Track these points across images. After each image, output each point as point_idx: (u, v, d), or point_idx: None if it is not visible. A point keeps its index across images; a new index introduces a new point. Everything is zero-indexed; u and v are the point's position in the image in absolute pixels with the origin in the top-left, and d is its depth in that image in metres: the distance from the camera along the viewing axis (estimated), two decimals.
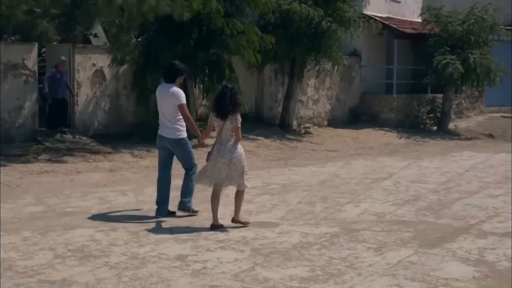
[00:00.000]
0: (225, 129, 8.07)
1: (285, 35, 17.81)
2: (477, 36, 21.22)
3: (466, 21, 21.50)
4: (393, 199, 10.45)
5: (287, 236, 7.92)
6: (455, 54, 20.78)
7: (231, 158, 8.07)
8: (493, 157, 16.50)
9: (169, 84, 8.71)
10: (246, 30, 15.54)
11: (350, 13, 18.50)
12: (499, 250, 7.55)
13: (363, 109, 22.34)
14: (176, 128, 8.72)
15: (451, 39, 21.25)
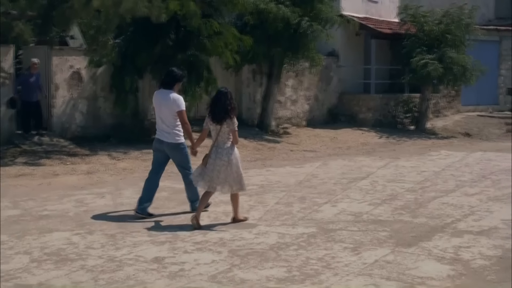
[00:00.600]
0: (222, 133, 8.24)
1: (262, 36, 17.85)
2: (453, 35, 21.39)
3: (442, 21, 21.67)
4: (370, 199, 10.52)
5: (264, 237, 7.95)
6: (431, 53, 20.93)
7: (229, 160, 8.25)
8: (470, 155, 16.65)
9: (168, 90, 8.83)
10: (224, 31, 15.56)
11: (328, 13, 18.55)
12: (474, 248, 7.64)
13: (341, 109, 22.44)
14: (175, 133, 8.85)
15: (427, 39, 21.39)
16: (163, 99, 8.84)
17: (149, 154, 14.26)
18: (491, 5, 31.00)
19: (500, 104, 26.62)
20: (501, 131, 23.28)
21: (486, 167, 14.62)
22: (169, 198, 10.34)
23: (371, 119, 21.96)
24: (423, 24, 21.57)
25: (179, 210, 9.41)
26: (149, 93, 17.03)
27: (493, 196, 11.00)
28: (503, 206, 10.13)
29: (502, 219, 9.20)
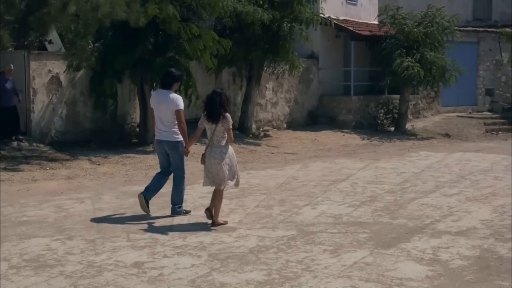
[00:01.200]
0: (217, 132, 8.47)
1: (242, 39, 17.87)
2: (432, 37, 21.53)
3: (422, 23, 21.80)
4: (350, 201, 10.56)
5: (244, 240, 7.96)
6: (410, 55, 21.06)
7: (222, 158, 8.50)
8: (449, 156, 16.76)
9: (166, 90, 9.06)
10: (203, 34, 15.55)
11: (307, 14, 18.59)
12: (452, 249, 7.70)
13: (322, 111, 22.50)
14: (174, 131, 9.04)
15: (407, 41, 21.50)
16: (162, 99, 9.04)
17: (129, 158, 14.37)
18: (469, 6, 31.29)
19: (479, 105, 26.83)
20: (480, 131, 23.50)
21: (465, 167, 14.73)
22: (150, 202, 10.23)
23: (352, 121, 22.05)
24: (403, 25, 21.69)
25: (159, 214, 9.38)
26: (128, 97, 17.02)
27: (471, 196, 11.09)
28: (481, 207, 10.22)
29: (481, 220, 9.28)
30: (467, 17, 30.84)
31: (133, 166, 13.66)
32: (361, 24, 24.10)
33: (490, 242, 8.04)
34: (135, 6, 14.02)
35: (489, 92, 27.07)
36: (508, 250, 7.68)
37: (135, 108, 17.16)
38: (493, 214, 9.66)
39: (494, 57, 27.17)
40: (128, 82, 16.45)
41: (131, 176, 12.74)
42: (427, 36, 21.47)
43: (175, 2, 15.16)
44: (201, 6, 15.77)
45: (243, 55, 18.05)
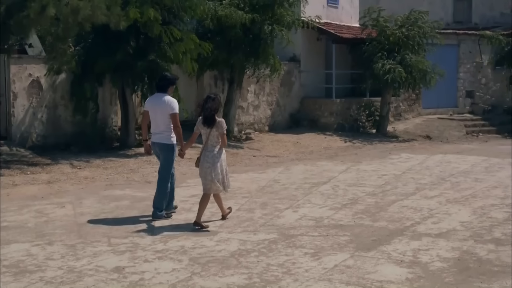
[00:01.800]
0: (212, 136, 8.75)
1: (223, 42, 17.87)
2: (413, 40, 21.65)
3: (403, 26, 21.92)
4: (331, 203, 10.60)
5: (226, 244, 7.97)
6: (392, 58, 21.16)
7: (213, 163, 8.72)
8: (430, 158, 16.86)
9: (162, 94, 9.23)
10: (184, 37, 15.53)
11: (288, 17, 18.63)
12: (432, 251, 7.76)
13: (304, 113, 22.54)
14: (168, 135, 9.20)
15: (388, 44, 21.61)
16: (157, 102, 9.20)
17: (110, 162, 14.32)
18: (450, 9, 31.52)
19: (460, 107, 27.01)
20: (461, 133, 23.64)
21: (446, 169, 14.83)
22: (131, 206, 10.27)
23: (333, 123, 22.11)
24: (384, 28, 21.80)
25: (140, 218, 9.36)
26: (110, 100, 16.97)
27: (452, 198, 11.18)
28: (461, 208, 10.31)
29: (460, 221, 9.36)
30: (447, 19, 31.07)
31: (114, 170, 13.61)
32: (342, 27, 24.18)
33: (469, 244, 8.11)
34: (115, 9, 13.96)
35: (469, 94, 27.28)
36: (487, 251, 7.75)
37: (117, 112, 17.10)
38: (473, 216, 9.75)
39: (474, 59, 27.37)
40: (110, 85, 16.39)
41: (112, 180, 12.69)
42: (408, 39, 21.58)
43: (156, 5, 15.13)
44: (182, 10, 15.75)
45: (224, 59, 18.05)
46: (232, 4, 17.91)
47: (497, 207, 10.44)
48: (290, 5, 18.99)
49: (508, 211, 10.13)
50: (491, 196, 11.46)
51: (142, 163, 14.42)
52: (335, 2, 24.90)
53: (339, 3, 25.17)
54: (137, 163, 14.42)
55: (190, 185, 12.22)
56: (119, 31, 14.27)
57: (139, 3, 14.85)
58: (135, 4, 14.73)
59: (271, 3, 18.30)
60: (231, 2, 18.05)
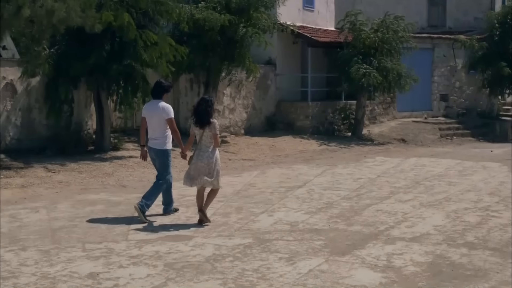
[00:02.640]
0: (205, 136, 9.09)
1: (199, 45, 17.87)
2: (389, 45, 21.80)
3: (378, 30, 22.06)
4: (307, 208, 10.64)
5: (201, 249, 7.96)
6: (367, 62, 21.28)
7: (208, 162, 9.07)
8: (405, 161, 16.99)
9: (157, 100, 9.56)
10: (160, 41, 15.48)
11: (264, 21, 18.67)
12: (406, 255, 7.82)
13: (279, 117, 22.61)
14: (163, 140, 9.54)
15: (363, 47, 21.73)
16: (153, 109, 9.56)
17: (85, 165, 14.23)
18: (424, 14, 31.79)
19: (434, 110, 27.26)
20: (435, 136, 23.88)
21: (420, 173, 14.96)
22: (106, 211, 10.23)
23: (309, 127, 22.19)
24: (360, 32, 21.92)
25: (115, 223, 9.33)
26: (85, 103, 16.88)
27: (426, 202, 11.27)
28: (435, 212, 10.40)
29: (434, 225, 9.44)
30: (422, 24, 31.34)
31: (89, 173, 13.54)
32: (318, 30, 24.29)
33: (442, 248, 8.18)
34: (90, 12, 13.91)
35: (444, 98, 27.54)
36: (460, 255, 7.83)
37: (92, 115, 17.01)
38: (446, 220, 9.84)
39: (449, 63, 27.65)
40: (85, 88, 16.31)
41: (87, 184, 12.63)
42: (384, 43, 21.73)
43: (131, 9, 15.09)
44: (158, 13, 15.72)
45: (200, 62, 18.04)
46: (209, 8, 17.93)
47: (470, 211, 10.54)
48: (266, 8, 19.04)
49: (480, 215, 10.24)
50: (464, 199, 11.58)
51: (117, 166, 14.38)
52: (311, 6, 25.02)
53: (315, 7, 25.30)
54: (112, 166, 14.37)
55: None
56: (94, 34, 14.21)
57: (114, 6, 14.79)
58: (110, 7, 14.67)
59: (247, 7, 18.34)
60: (207, 5, 18.07)
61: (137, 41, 15.00)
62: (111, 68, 15.14)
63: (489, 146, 22.52)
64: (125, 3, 15.14)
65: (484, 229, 9.25)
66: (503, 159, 18.21)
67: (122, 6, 14.89)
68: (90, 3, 13.84)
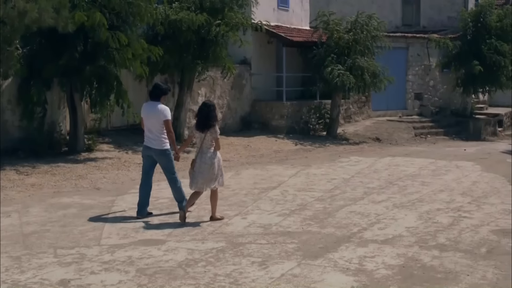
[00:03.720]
0: (206, 140, 9.46)
1: (173, 45, 17.80)
2: (362, 44, 21.88)
3: (352, 29, 22.14)
4: (280, 210, 10.66)
5: (173, 254, 7.94)
6: (341, 61, 21.34)
7: (211, 163, 9.45)
8: (379, 161, 17.09)
9: (155, 102, 9.90)
10: (132, 42, 15.38)
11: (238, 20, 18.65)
12: (378, 258, 7.86)
13: (254, 116, 22.61)
14: (162, 140, 9.87)
15: (337, 47, 21.79)
16: (151, 110, 9.88)
17: (58, 168, 14.12)
18: (398, 12, 31.97)
19: (409, 109, 27.47)
20: (410, 135, 24.06)
21: (394, 172, 15.06)
22: (78, 215, 10.15)
23: (284, 126, 22.22)
24: (334, 32, 21.98)
25: (88, 227, 9.27)
26: (58, 104, 16.74)
27: (399, 203, 11.34)
28: (408, 213, 10.47)
29: (406, 227, 9.51)
30: (396, 22, 31.55)
31: (62, 176, 13.43)
32: (293, 29, 24.34)
33: (414, 250, 8.24)
34: (63, 12, 13.80)
35: (418, 96, 27.76)
36: (431, 258, 7.89)
37: (65, 116, 16.87)
38: (419, 221, 9.91)
39: (423, 62, 27.86)
40: (58, 89, 16.17)
41: (60, 187, 12.53)
42: (357, 42, 21.81)
43: (104, 9, 14.99)
44: (130, 14, 15.62)
45: (175, 62, 17.98)
46: (183, 8, 17.88)
47: (443, 212, 10.64)
48: (240, 7, 19.03)
49: (452, 216, 10.34)
50: (437, 200, 11.68)
51: (91, 168, 14.29)
52: (286, 5, 25.05)
53: (290, 6, 25.33)
54: (86, 168, 14.28)
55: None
56: (66, 34, 14.11)
57: (87, 6, 14.69)
58: (82, 7, 14.57)
59: (221, 6, 18.32)
60: (181, 5, 18.02)
61: (109, 42, 14.89)
62: (84, 69, 15.03)
63: (463, 145, 22.74)
64: (98, 3, 15.03)
65: (455, 230, 9.34)
66: (476, 158, 18.41)
67: (95, 7, 14.78)
68: (63, 3, 13.73)
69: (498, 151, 21.01)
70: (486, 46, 25.47)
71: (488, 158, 18.75)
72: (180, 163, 11.04)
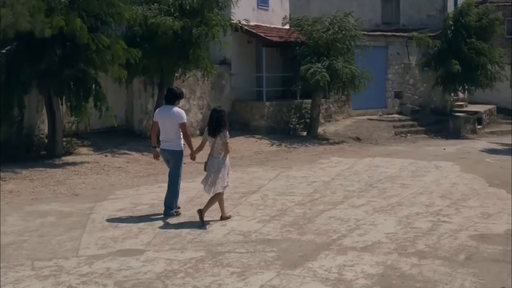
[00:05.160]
0: (217, 144, 9.97)
1: (152, 47, 17.70)
2: (341, 44, 21.89)
3: (330, 29, 22.13)
4: (260, 215, 10.64)
5: (152, 265, 7.88)
6: (320, 61, 21.33)
7: (219, 168, 9.95)
8: (359, 162, 17.12)
9: (170, 106, 10.36)
10: (112, 44, 15.27)
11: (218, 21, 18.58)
12: (357, 266, 7.86)
13: (235, 117, 22.54)
14: (177, 142, 10.38)
15: (316, 47, 21.78)
16: (166, 113, 10.33)
17: (37, 172, 13.99)
18: (378, 11, 32.04)
19: (389, 107, 27.57)
20: (390, 134, 24.13)
21: (374, 174, 15.09)
22: (56, 223, 10.04)
23: (264, 126, 22.20)
24: (312, 32, 21.97)
25: (66, 237, 9.18)
26: (36, 108, 16.59)
27: (378, 207, 11.37)
28: (387, 218, 10.49)
29: (386, 233, 9.52)
30: (376, 21, 31.64)
31: (41, 181, 13.29)
32: (273, 29, 24.30)
33: (393, 258, 8.25)
34: (40, 17, 13.67)
35: (398, 95, 27.86)
36: (410, 266, 7.91)
37: (44, 119, 16.72)
38: (398, 227, 9.94)
39: (403, 60, 27.97)
40: (36, 92, 16.01)
41: (38, 193, 12.40)
42: (336, 42, 21.80)
43: (82, 12, 14.85)
44: (109, 16, 15.50)
45: (154, 64, 17.88)
46: (162, 10, 17.78)
47: (422, 216, 10.67)
48: (219, 8, 18.96)
49: (432, 220, 10.38)
50: (417, 203, 11.72)
51: (70, 173, 14.17)
52: (265, 5, 25.03)
53: (269, 5, 25.31)
54: (65, 173, 14.14)
55: (119, 197, 12.10)
56: (44, 38, 13.95)
57: (65, 10, 14.55)
58: (60, 11, 14.43)
59: (201, 8, 18.24)
60: (160, 7, 17.91)
61: (89, 45, 14.76)
62: (63, 72, 14.89)
63: (443, 144, 22.89)
64: (76, 6, 14.89)
65: (434, 236, 9.37)
66: (455, 158, 18.53)
67: (73, 10, 14.64)
68: (39, 7, 13.60)
69: (477, 150, 21.18)
70: (466, 45, 25.60)
71: (467, 157, 18.88)
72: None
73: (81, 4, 14.97)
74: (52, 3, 14.44)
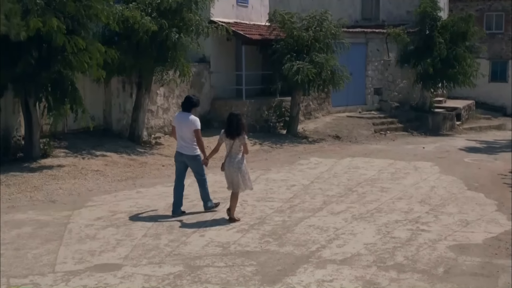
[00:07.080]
0: (235, 146, 10.58)
1: (130, 46, 17.52)
2: (322, 41, 21.83)
3: (310, 27, 22.06)
4: (239, 224, 10.57)
5: (129, 281, 7.79)
6: (301, 59, 21.26)
7: (239, 168, 10.56)
8: (338, 163, 17.11)
9: (187, 113, 11.20)
10: (89, 46, 15.07)
11: (197, 22, 18.43)
12: (336, 282, 7.83)
13: (214, 115, 22.44)
14: (193, 147, 11.18)
15: (297, 45, 21.71)
16: (183, 120, 11.15)
17: (13, 177, 13.77)
18: (358, 6, 32.02)
19: (368, 104, 27.59)
20: (369, 132, 24.14)
21: (353, 176, 15.09)
22: (33, 234, 9.89)
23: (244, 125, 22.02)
24: (292, 29, 21.89)
25: (42, 250, 9.06)
26: (13, 109, 16.39)
27: (357, 214, 11.36)
28: (366, 227, 10.48)
29: (365, 243, 9.50)
30: (356, 16, 31.62)
31: (17, 187, 13.08)
32: (252, 26, 24.18)
33: (372, 271, 8.23)
34: (15, 19, 13.45)
35: (377, 92, 27.89)
36: (389, 281, 7.89)
37: (20, 121, 16.51)
38: (377, 236, 9.92)
39: (382, 57, 27.98)
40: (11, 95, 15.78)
41: (14, 200, 12.20)
42: (316, 40, 21.75)
43: (59, 13, 14.64)
44: (87, 17, 15.29)
45: (131, 63, 17.69)
46: (139, 9, 17.58)
47: (401, 224, 10.67)
48: (198, 8, 18.79)
49: (410, 229, 10.38)
50: (396, 210, 11.73)
51: (47, 178, 13.98)
52: (245, 2, 24.89)
53: (249, 2, 25.17)
54: (42, 178, 13.93)
55: (96, 204, 11.97)
56: (19, 41, 13.74)
57: (41, 11, 14.32)
58: (36, 13, 14.20)
59: (179, 8, 18.07)
60: (138, 6, 17.71)
61: (65, 47, 14.56)
62: (39, 75, 14.69)
63: (422, 141, 22.98)
64: (53, 8, 14.67)
65: (413, 247, 9.36)
66: (434, 157, 18.59)
67: (49, 11, 14.43)
68: (15, 10, 13.39)
69: (456, 148, 21.28)
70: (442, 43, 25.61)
71: (446, 157, 18.95)
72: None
73: (58, 5, 14.74)
74: (28, 5, 14.21)
